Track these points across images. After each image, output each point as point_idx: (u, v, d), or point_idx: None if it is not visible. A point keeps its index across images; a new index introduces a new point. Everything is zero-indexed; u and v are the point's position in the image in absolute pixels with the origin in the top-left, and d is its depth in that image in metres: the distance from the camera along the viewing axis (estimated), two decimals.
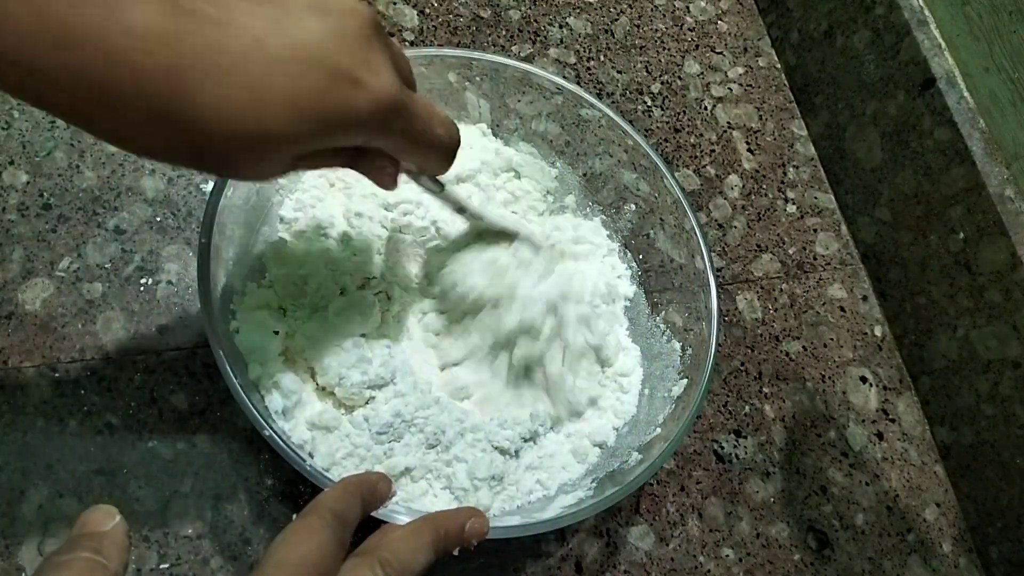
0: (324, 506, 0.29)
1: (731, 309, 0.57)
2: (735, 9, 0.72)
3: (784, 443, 0.53)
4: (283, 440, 0.35)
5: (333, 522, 0.29)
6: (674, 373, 0.46)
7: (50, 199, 0.46)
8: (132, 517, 0.40)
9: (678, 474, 0.50)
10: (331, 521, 0.29)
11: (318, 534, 0.28)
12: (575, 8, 0.66)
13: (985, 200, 0.52)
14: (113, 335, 0.43)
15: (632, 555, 0.46)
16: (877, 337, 0.59)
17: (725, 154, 0.63)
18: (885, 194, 0.60)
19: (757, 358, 0.55)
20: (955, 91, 0.56)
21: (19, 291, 0.43)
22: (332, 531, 0.28)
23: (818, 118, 0.66)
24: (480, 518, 0.34)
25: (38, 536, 0.38)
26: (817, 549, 0.50)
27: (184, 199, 0.48)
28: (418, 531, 0.31)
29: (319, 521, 0.28)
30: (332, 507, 0.29)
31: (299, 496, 0.42)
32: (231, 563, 0.40)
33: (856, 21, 0.62)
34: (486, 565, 0.43)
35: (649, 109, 0.63)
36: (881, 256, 0.61)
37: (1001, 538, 0.52)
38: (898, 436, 0.56)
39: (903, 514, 0.53)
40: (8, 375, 0.41)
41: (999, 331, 0.52)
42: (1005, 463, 0.51)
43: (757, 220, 0.61)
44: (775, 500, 0.51)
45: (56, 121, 0.48)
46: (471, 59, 0.49)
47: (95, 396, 0.42)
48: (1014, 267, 0.51)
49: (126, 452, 0.41)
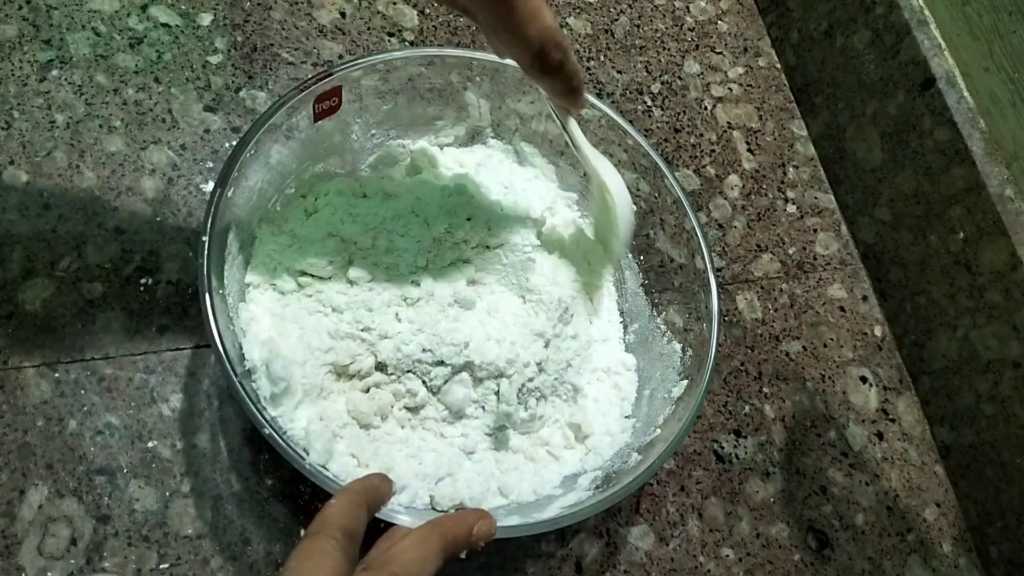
0: (333, 524, 0.29)
1: (731, 309, 0.57)
2: (735, 9, 0.72)
3: (784, 443, 0.53)
4: (282, 438, 0.35)
5: (343, 540, 0.29)
6: (674, 374, 0.46)
7: (50, 199, 0.46)
8: (132, 517, 0.40)
9: (678, 474, 0.50)
10: (342, 540, 0.29)
11: (331, 557, 0.28)
12: (575, 8, 0.66)
13: (985, 200, 0.52)
14: (113, 335, 0.43)
15: (632, 555, 0.46)
16: (877, 337, 0.59)
17: (725, 154, 0.63)
18: (885, 194, 0.60)
19: (757, 358, 0.55)
20: (955, 91, 0.56)
21: (19, 291, 0.43)
22: (343, 552, 0.29)
23: (818, 118, 0.66)
24: (487, 520, 0.34)
25: (38, 536, 0.38)
26: (817, 549, 0.50)
27: (184, 199, 0.48)
28: (426, 539, 0.31)
29: (330, 543, 0.29)
30: (341, 524, 0.30)
31: (299, 496, 0.42)
32: (231, 563, 0.40)
33: (856, 21, 0.62)
34: (486, 565, 0.43)
35: (649, 109, 0.63)
36: (881, 256, 0.61)
37: (1001, 538, 0.51)
38: (898, 436, 0.56)
39: (903, 514, 0.53)
40: (8, 375, 0.41)
41: (999, 331, 0.52)
42: (1005, 463, 0.51)
43: (757, 220, 0.61)
44: (775, 500, 0.51)
45: (56, 121, 0.48)
46: (471, 59, 0.49)
47: (95, 396, 0.42)
48: (1014, 267, 0.51)
49: (126, 452, 0.41)
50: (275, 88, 0.54)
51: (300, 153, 0.46)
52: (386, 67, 0.47)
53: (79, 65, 0.50)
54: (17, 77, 0.48)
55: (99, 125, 0.48)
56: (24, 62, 0.49)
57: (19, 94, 0.48)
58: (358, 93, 0.47)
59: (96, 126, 0.48)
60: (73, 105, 0.49)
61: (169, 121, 0.50)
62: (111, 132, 0.49)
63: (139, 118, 0.50)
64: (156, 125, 0.50)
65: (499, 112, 0.52)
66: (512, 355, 0.43)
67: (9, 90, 0.48)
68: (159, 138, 0.49)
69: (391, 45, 0.58)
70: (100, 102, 0.49)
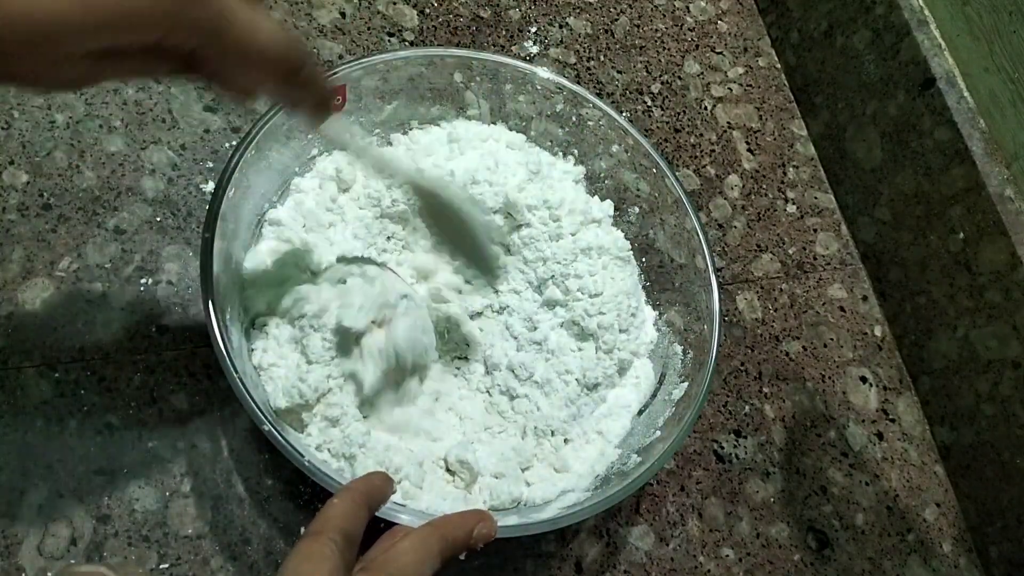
0: (333, 526, 0.29)
1: (731, 309, 0.57)
2: (735, 9, 0.72)
3: (784, 443, 0.53)
4: (282, 437, 0.35)
5: (342, 543, 0.29)
6: (675, 376, 0.46)
7: (50, 199, 0.46)
8: (132, 517, 0.40)
9: (678, 474, 0.50)
10: (340, 544, 0.29)
11: (329, 561, 0.28)
12: (575, 8, 0.66)
13: (985, 200, 0.52)
14: (113, 335, 0.43)
15: (632, 555, 0.46)
16: (877, 337, 0.59)
17: (725, 154, 0.63)
18: (885, 194, 0.60)
19: (757, 358, 0.55)
20: (955, 91, 0.56)
21: (19, 291, 0.43)
22: (341, 555, 0.28)
23: (818, 118, 0.66)
24: (487, 522, 0.34)
25: (38, 536, 0.38)
26: (817, 549, 0.50)
27: (184, 199, 0.48)
28: (425, 541, 0.31)
29: (329, 546, 0.28)
30: (341, 526, 0.29)
31: (299, 496, 0.42)
32: (231, 563, 0.40)
33: (856, 21, 0.62)
34: (486, 565, 0.43)
35: (649, 109, 0.63)
36: (881, 256, 0.61)
37: (1001, 538, 0.52)
38: (898, 436, 0.56)
39: (903, 514, 0.53)
40: (8, 375, 0.41)
41: (999, 331, 0.52)
42: (1005, 463, 0.51)
43: (757, 220, 0.61)
44: (775, 500, 0.51)
45: (56, 121, 0.48)
46: (471, 59, 0.49)
47: (95, 396, 0.42)
48: (1014, 267, 0.51)
49: (126, 452, 0.41)
50: None
51: (300, 153, 0.46)
52: (386, 67, 0.47)
53: None
54: None
55: (99, 125, 0.48)
56: None
57: (19, 94, 0.48)
58: (359, 93, 0.47)
59: (96, 126, 0.48)
60: (73, 105, 0.49)
61: (169, 121, 0.50)
62: (111, 132, 0.49)
63: (139, 118, 0.50)
64: (156, 125, 0.50)
65: (499, 112, 0.52)
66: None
67: (9, 90, 0.48)
68: (159, 138, 0.49)
69: (391, 45, 0.58)
70: (100, 102, 0.49)
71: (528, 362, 0.45)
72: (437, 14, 0.61)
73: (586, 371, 0.45)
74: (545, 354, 0.46)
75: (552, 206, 0.48)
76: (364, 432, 0.40)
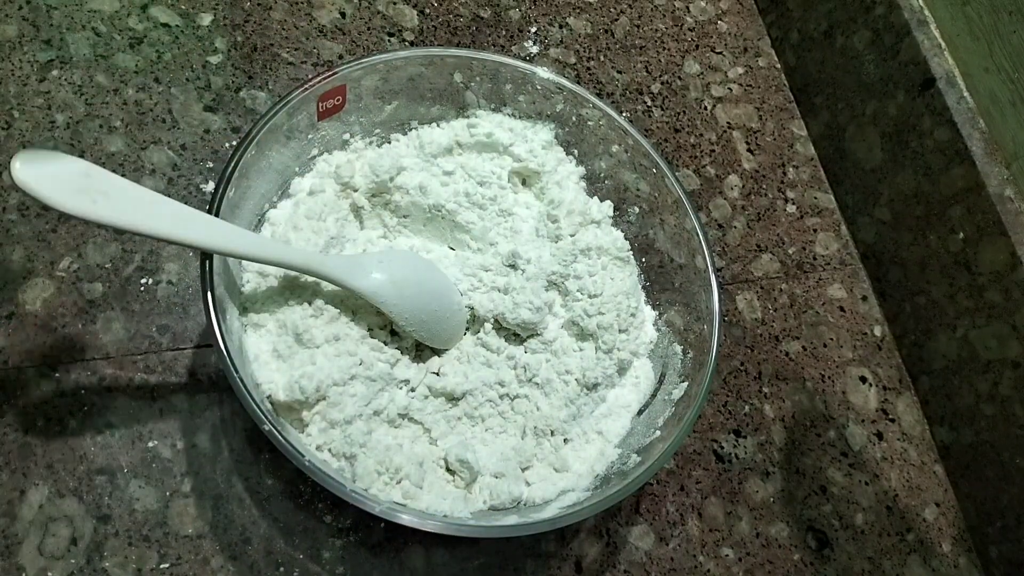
0: None
1: (731, 309, 0.57)
2: (735, 9, 0.72)
3: (784, 443, 0.53)
4: (283, 437, 0.35)
5: None
6: (675, 376, 0.46)
7: None
8: (132, 517, 0.40)
9: (678, 474, 0.50)
10: None
11: None
12: (575, 8, 0.66)
13: (985, 200, 0.52)
14: (113, 335, 0.43)
15: (632, 555, 0.46)
16: (877, 337, 0.59)
17: (725, 154, 0.63)
18: (885, 194, 0.60)
19: (757, 358, 0.55)
20: (955, 91, 0.56)
21: (19, 291, 0.43)
22: None
23: (818, 118, 0.66)
24: None
25: (38, 536, 0.38)
26: (817, 549, 0.50)
27: (184, 199, 0.48)
28: None
29: None
30: None
31: (299, 496, 0.42)
32: (231, 563, 0.40)
33: (856, 21, 0.62)
34: (486, 565, 0.43)
35: (649, 109, 0.63)
36: (881, 256, 0.61)
37: (1001, 538, 0.52)
38: (898, 436, 0.56)
39: (903, 514, 0.53)
40: (8, 375, 0.41)
41: (999, 331, 0.52)
42: (1005, 463, 0.51)
43: (757, 220, 0.61)
44: (775, 500, 0.51)
45: (56, 121, 0.48)
46: (471, 59, 0.49)
47: (95, 396, 0.42)
48: (1014, 267, 0.51)
49: (126, 452, 0.41)
50: (275, 88, 0.54)
51: (300, 153, 0.46)
52: (386, 67, 0.47)
53: (79, 65, 0.50)
54: (17, 77, 0.48)
55: (99, 125, 0.48)
56: (24, 62, 0.49)
57: (19, 94, 0.48)
58: (359, 93, 0.47)
59: (96, 126, 0.48)
60: (73, 105, 0.49)
61: (169, 121, 0.50)
62: (111, 132, 0.49)
63: (139, 118, 0.50)
64: (156, 125, 0.50)
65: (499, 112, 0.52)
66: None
67: (9, 90, 0.48)
68: (159, 138, 0.49)
69: (391, 45, 0.58)
70: (100, 102, 0.49)
71: (529, 362, 0.45)
72: (437, 14, 0.61)
73: (586, 371, 0.45)
74: (546, 354, 0.46)
75: (552, 207, 0.48)
76: (365, 432, 0.40)
